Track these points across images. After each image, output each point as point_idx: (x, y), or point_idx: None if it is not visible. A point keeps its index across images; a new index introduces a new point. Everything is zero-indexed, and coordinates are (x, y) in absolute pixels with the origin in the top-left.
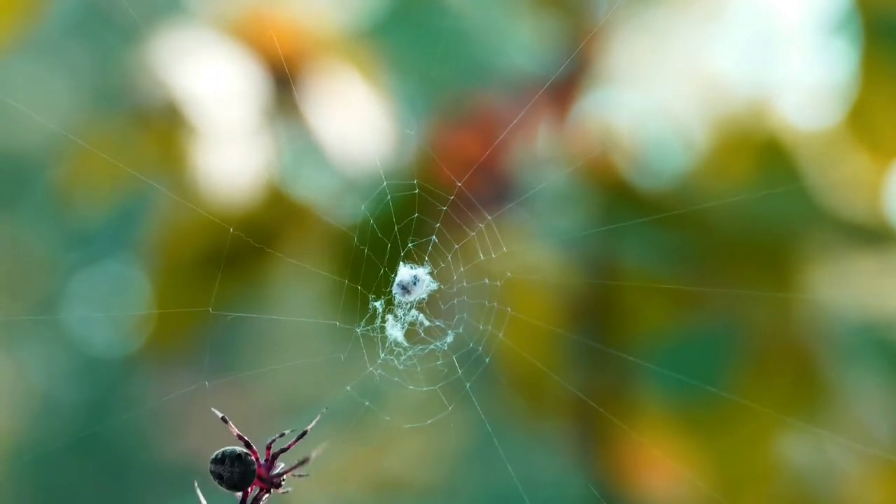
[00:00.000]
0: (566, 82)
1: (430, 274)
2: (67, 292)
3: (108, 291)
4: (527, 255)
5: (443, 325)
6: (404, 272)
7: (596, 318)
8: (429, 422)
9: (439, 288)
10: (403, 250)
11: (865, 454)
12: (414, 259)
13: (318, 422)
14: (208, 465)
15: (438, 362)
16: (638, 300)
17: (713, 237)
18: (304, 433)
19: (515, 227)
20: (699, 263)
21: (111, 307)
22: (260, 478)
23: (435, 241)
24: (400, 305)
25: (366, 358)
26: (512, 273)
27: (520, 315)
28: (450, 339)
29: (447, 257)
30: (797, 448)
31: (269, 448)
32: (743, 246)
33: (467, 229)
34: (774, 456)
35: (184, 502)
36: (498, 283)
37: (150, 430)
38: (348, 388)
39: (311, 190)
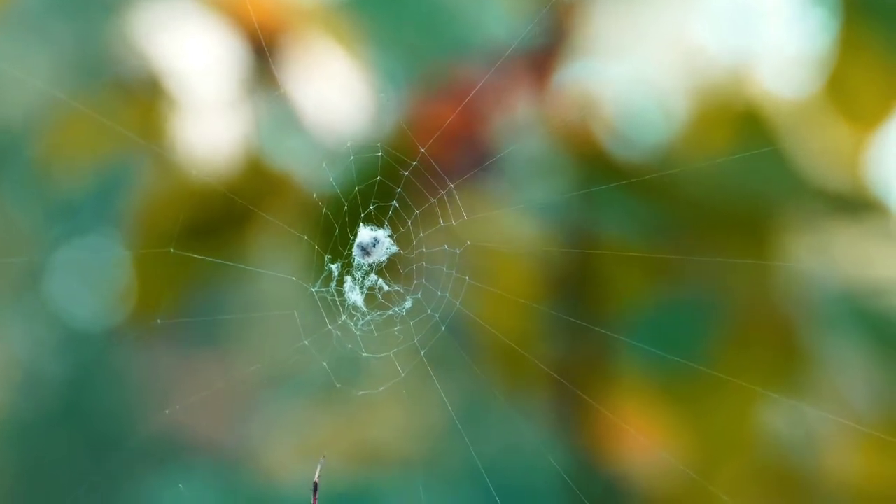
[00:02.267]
0: (545, 53)
1: (390, 237)
2: (49, 265)
3: (89, 264)
4: (504, 224)
5: (402, 290)
6: (364, 234)
7: (574, 289)
8: (381, 388)
9: (399, 252)
10: (364, 212)
11: (845, 423)
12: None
13: (321, 470)
14: None
15: (396, 328)
16: (616, 270)
17: (693, 207)
18: (316, 486)
19: (493, 196)
20: (679, 233)
21: (93, 279)
22: None
23: (404, 215)
24: (359, 268)
25: (325, 318)
26: (488, 244)
27: (496, 286)
28: (408, 304)
29: (413, 229)
30: (778, 418)
31: None
32: (723, 215)
33: (430, 196)
34: (755, 426)
35: (165, 474)
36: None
37: (132, 402)
38: (305, 342)
39: (290, 160)
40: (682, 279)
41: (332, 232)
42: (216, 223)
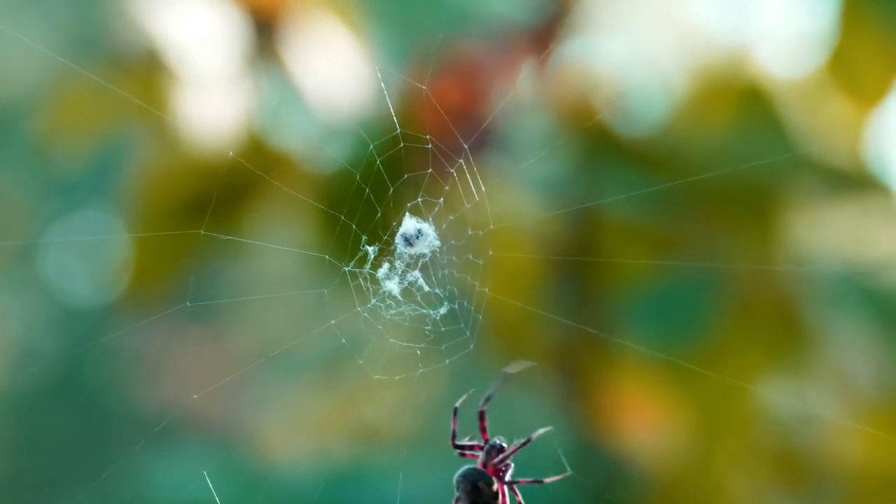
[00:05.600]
0: (547, 29)
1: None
2: (46, 241)
3: (87, 240)
4: (507, 201)
5: (441, 294)
6: (409, 224)
7: (577, 266)
8: (396, 378)
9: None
10: (410, 203)
11: (847, 402)
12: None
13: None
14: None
15: (428, 328)
16: (619, 247)
17: (694, 184)
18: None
19: (495, 173)
20: (680, 211)
21: (90, 256)
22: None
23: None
24: (400, 256)
25: (354, 298)
26: (493, 223)
27: (497, 264)
28: (444, 310)
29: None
30: (778, 396)
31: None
32: (724, 193)
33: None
34: (755, 404)
35: (159, 449)
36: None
37: (128, 377)
38: (332, 321)
39: (292, 136)
40: (684, 256)
41: (372, 214)
42: (223, 199)
